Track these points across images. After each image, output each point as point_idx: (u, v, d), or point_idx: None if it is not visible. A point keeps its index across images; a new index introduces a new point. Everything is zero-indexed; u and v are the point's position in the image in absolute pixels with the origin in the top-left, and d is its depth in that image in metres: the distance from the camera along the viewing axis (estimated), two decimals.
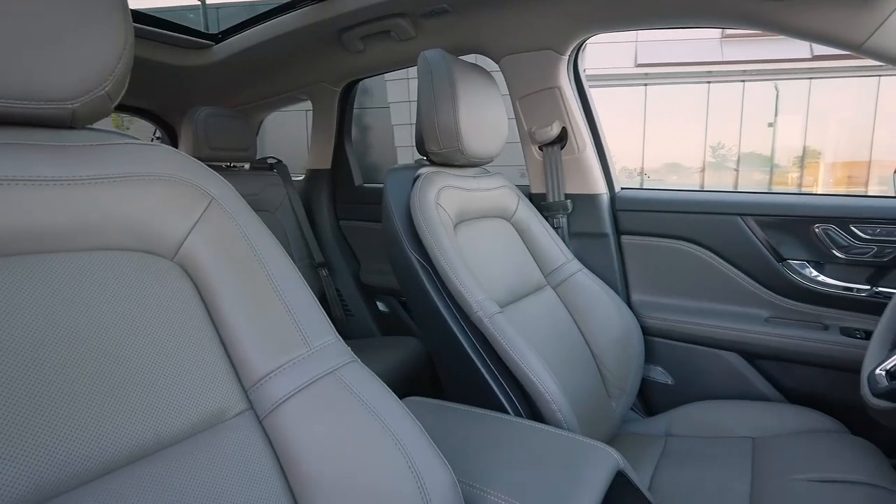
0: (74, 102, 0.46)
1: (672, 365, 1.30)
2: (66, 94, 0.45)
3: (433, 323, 0.93)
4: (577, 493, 0.58)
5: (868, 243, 1.08)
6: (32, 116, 0.45)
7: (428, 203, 0.95)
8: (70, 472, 0.39)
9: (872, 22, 0.85)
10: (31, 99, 0.43)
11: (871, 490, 0.80)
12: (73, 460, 0.40)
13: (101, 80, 0.47)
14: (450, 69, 1.00)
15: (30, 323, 0.42)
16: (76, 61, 0.45)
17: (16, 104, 0.43)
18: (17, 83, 0.42)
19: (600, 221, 1.34)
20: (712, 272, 1.25)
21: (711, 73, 8.91)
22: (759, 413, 1.10)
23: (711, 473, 0.92)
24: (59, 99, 0.45)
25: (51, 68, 0.43)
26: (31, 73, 0.42)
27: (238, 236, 0.55)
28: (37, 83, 0.43)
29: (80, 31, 0.45)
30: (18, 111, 0.43)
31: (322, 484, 0.49)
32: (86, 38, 0.45)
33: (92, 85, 0.46)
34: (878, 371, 0.79)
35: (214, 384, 0.50)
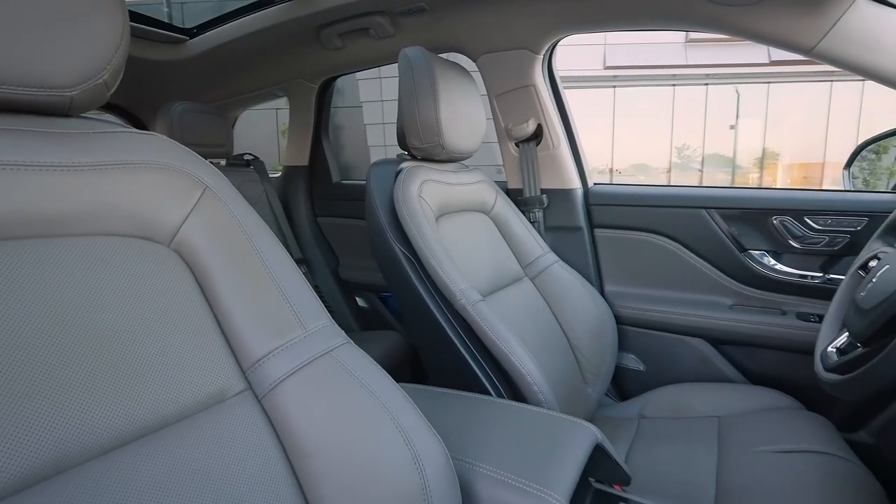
0: (73, 90, 0.47)
1: (643, 352, 1.36)
2: (66, 82, 0.46)
3: (418, 312, 0.95)
4: (560, 465, 0.62)
5: (820, 233, 1.16)
6: (31, 103, 0.45)
7: (411, 196, 0.97)
8: (79, 448, 0.40)
9: (821, 28, 0.92)
10: (31, 86, 0.44)
11: (823, 458, 0.86)
12: (82, 436, 0.41)
13: (100, 69, 0.48)
14: (430, 66, 1.03)
15: (31, 305, 0.42)
16: (76, 50, 0.46)
17: (15, 90, 0.43)
18: (18, 70, 0.43)
19: (574, 215, 1.39)
20: (680, 263, 1.31)
21: (676, 76, 9.19)
22: (724, 394, 1.16)
23: (681, 449, 0.98)
24: (59, 86, 0.46)
25: (51, 56, 0.44)
26: (31, 61, 0.43)
27: (232, 224, 0.57)
28: (37, 70, 0.44)
29: (80, 20, 0.46)
30: (17, 97, 0.44)
31: (320, 457, 0.51)
32: (85, 27, 0.46)
33: (90, 73, 0.47)
34: (830, 349, 0.85)
35: (214, 365, 0.51)
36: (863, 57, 0.92)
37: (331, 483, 0.50)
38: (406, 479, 0.52)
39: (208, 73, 1.72)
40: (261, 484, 0.48)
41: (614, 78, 9.23)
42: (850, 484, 0.81)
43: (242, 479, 0.47)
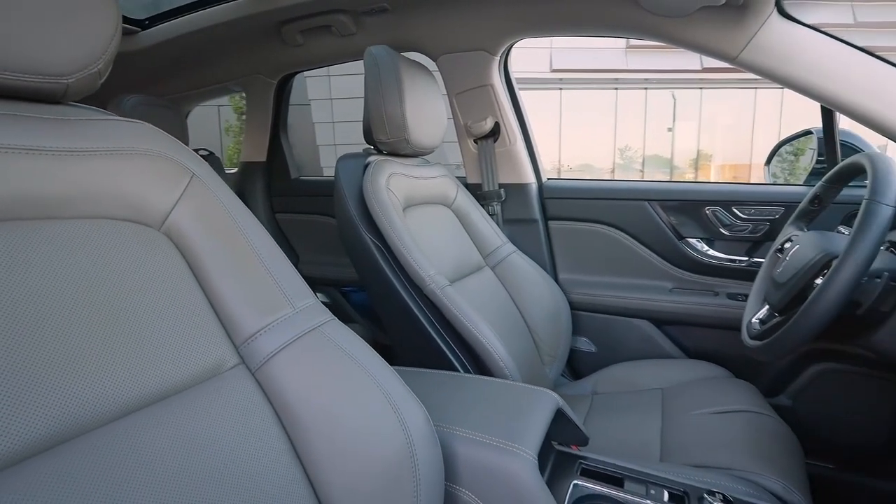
0: (69, 78, 0.49)
1: (594, 334, 1.47)
2: (63, 70, 0.48)
3: (389, 299, 1.00)
4: (528, 425, 0.69)
5: (745, 222, 1.30)
6: (27, 89, 0.47)
7: (380, 187, 1.02)
8: (81, 419, 0.42)
9: (742, 39, 1.05)
10: (29, 72, 0.46)
11: (750, 415, 0.99)
12: (83, 407, 0.43)
13: (95, 58, 0.50)
14: (396, 64, 1.08)
15: (32, 282, 0.44)
16: (73, 39, 0.48)
17: (14, 76, 0.45)
18: (17, 57, 0.45)
19: (530, 208, 1.48)
20: (626, 251, 1.43)
21: (618, 80, 9.63)
22: (667, 369, 1.28)
23: (630, 418, 1.08)
24: (56, 74, 0.48)
25: (50, 44, 0.46)
26: (30, 48, 0.45)
27: (219, 209, 0.60)
28: (35, 58, 0.46)
29: (78, 11, 0.48)
30: (14, 83, 0.46)
31: (314, 424, 0.55)
32: (83, 18, 0.48)
33: (87, 62, 0.49)
34: (753, 320, 0.98)
35: (207, 341, 0.54)
36: (778, 67, 1.05)
37: (324, 447, 0.55)
38: (393, 440, 0.57)
39: (161, 66, 1.68)
40: (258, 450, 0.52)
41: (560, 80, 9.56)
42: (771, 436, 0.94)
43: (240, 446, 0.51)
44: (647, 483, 0.72)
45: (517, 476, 0.62)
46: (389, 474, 0.56)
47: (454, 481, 0.65)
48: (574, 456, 0.78)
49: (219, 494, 0.46)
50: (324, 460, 0.54)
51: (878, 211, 0.71)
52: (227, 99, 5.44)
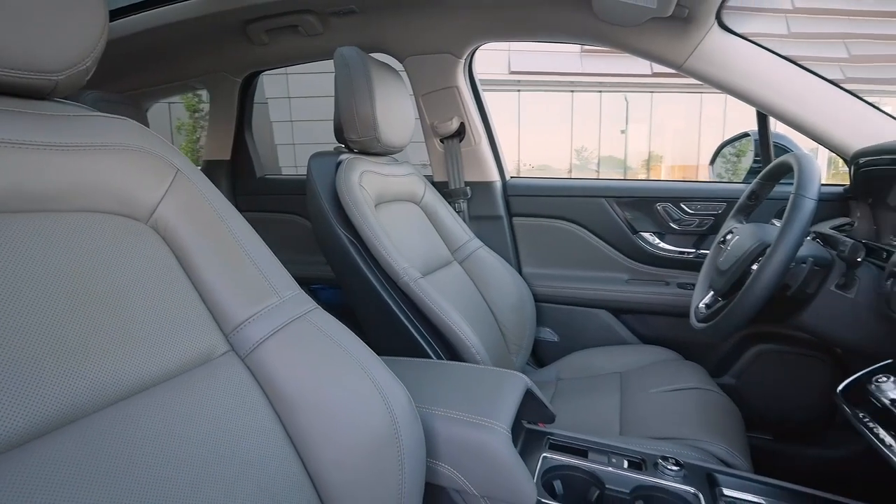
0: (59, 75, 0.50)
1: (557, 325, 1.54)
2: (53, 67, 0.49)
3: (363, 291, 1.03)
4: (501, 403, 0.74)
5: (693, 216, 1.41)
6: (18, 85, 0.48)
7: (353, 184, 1.05)
8: (77, 404, 0.44)
9: (686, 49, 1.14)
10: (20, 69, 0.47)
11: (699, 392, 1.08)
12: (79, 393, 0.44)
13: (84, 56, 0.52)
14: (366, 65, 1.11)
15: (28, 272, 0.46)
16: (64, 37, 0.49)
17: (5, 72, 0.47)
18: (8, 53, 0.46)
19: (495, 205, 1.54)
20: (585, 245, 1.51)
21: (574, 83, 9.91)
22: (624, 354, 1.37)
23: (592, 399, 1.15)
24: (48, 71, 0.49)
25: (42, 42, 0.48)
26: (22, 45, 0.47)
27: (203, 203, 0.62)
28: (27, 54, 0.47)
29: (68, 9, 0.50)
30: (5, 79, 0.47)
31: (303, 405, 0.58)
32: (73, 16, 0.50)
33: (76, 59, 0.51)
34: (700, 305, 1.07)
35: (197, 329, 0.57)
36: (719, 75, 1.16)
37: (314, 427, 0.58)
38: (379, 419, 0.61)
39: (121, 62, 1.64)
40: (250, 430, 0.55)
41: (518, 82, 9.75)
42: (717, 409, 1.03)
43: (233, 426, 0.54)
44: (608, 453, 0.79)
45: (493, 449, 0.67)
46: (375, 450, 0.59)
47: (434, 457, 0.70)
48: (542, 432, 0.84)
49: (215, 471, 0.49)
50: (313, 438, 0.58)
51: (803, 204, 0.81)
52: (178, 96, 5.27)
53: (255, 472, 0.52)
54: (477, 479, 0.68)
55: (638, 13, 1.10)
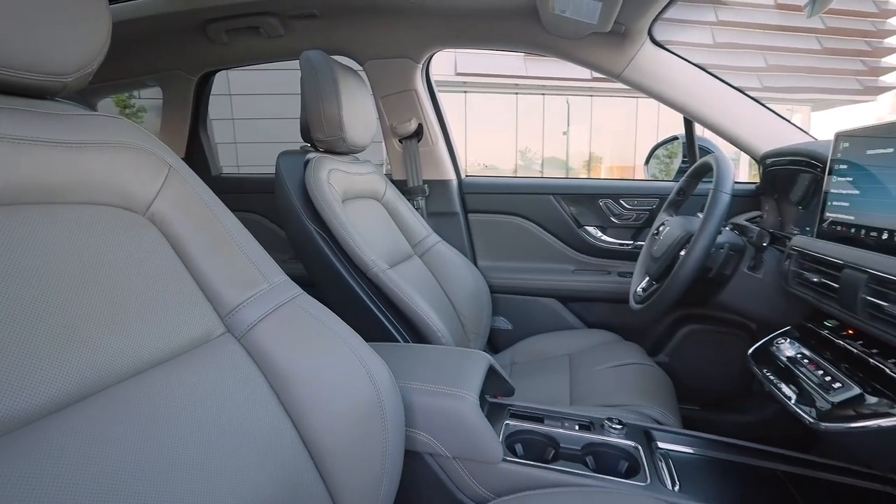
0: (68, 77, 0.54)
1: (510, 314, 1.65)
2: (64, 70, 0.53)
3: (334, 283, 1.09)
4: (468, 376, 0.83)
5: (630, 211, 1.56)
6: (29, 86, 0.52)
7: (321, 181, 1.11)
8: (99, 376, 0.48)
9: (623, 60, 1.28)
10: (34, 71, 0.51)
11: (638, 367, 1.22)
12: (99, 366, 0.49)
13: (91, 59, 0.56)
14: (332, 69, 1.17)
15: (37, 259, 0.49)
16: (75, 41, 0.53)
17: (20, 74, 0.50)
18: (24, 56, 0.50)
19: (451, 202, 1.63)
20: (535, 239, 1.63)
21: (518, 85, 10.21)
22: (572, 338, 1.50)
23: (545, 378, 1.27)
24: (59, 73, 0.53)
25: (54, 46, 0.52)
26: (37, 49, 0.50)
27: (195, 198, 0.67)
28: (41, 58, 0.51)
29: (79, 16, 0.53)
30: (19, 80, 0.51)
31: (295, 378, 0.64)
32: (82, 22, 0.54)
33: (85, 62, 0.55)
34: (637, 289, 1.20)
35: (195, 313, 0.61)
36: (651, 85, 1.30)
37: (307, 400, 0.64)
38: (364, 391, 0.68)
39: None
40: (250, 402, 0.60)
41: (464, 84, 9.93)
42: (653, 381, 1.17)
43: (234, 398, 0.59)
44: (562, 419, 0.90)
45: (463, 414, 0.76)
46: (362, 419, 0.67)
47: (412, 426, 0.77)
48: (504, 404, 0.94)
49: (221, 440, 0.54)
50: (306, 409, 0.64)
51: (720, 198, 0.95)
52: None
53: (256, 441, 0.58)
54: (450, 443, 0.77)
55: (581, 28, 1.22)
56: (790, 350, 0.83)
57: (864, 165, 0.75)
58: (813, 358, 0.78)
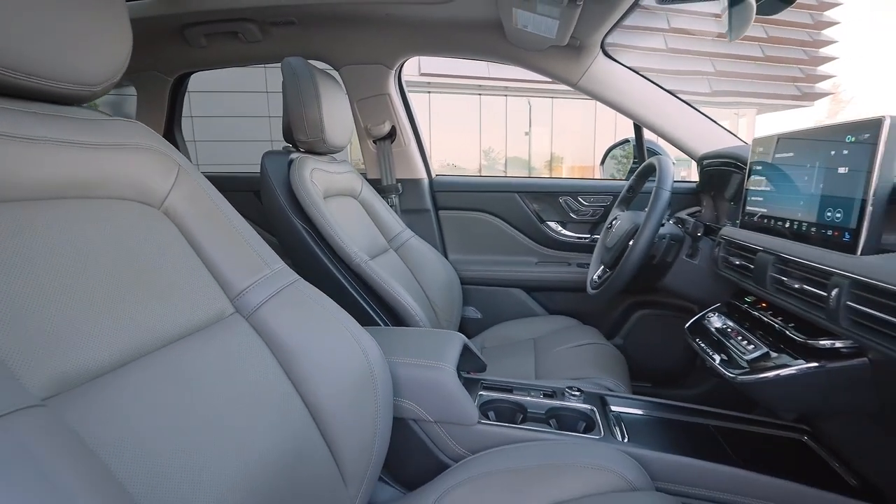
0: (97, 87, 0.61)
1: (479, 304, 1.77)
2: (94, 80, 0.61)
3: (320, 274, 1.18)
4: (446, 351, 0.94)
5: (588, 207, 1.70)
6: (65, 95, 0.59)
7: (305, 180, 1.19)
8: (136, 345, 0.56)
9: (579, 71, 1.42)
10: (70, 82, 0.58)
11: (596, 346, 1.36)
12: (135, 337, 0.56)
13: (116, 72, 0.63)
14: (312, 74, 1.25)
15: (72, 245, 0.57)
16: (103, 56, 0.61)
17: (58, 85, 0.57)
18: (64, 70, 0.57)
19: (423, 200, 1.74)
20: (501, 233, 1.76)
21: (482, 86, 10.39)
22: (536, 324, 1.63)
23: (512, 360, 1.39)
24: (90, 83, 0.60)
25: (87, 60, 0.59)
26: (74, 64, 0.58)
27: (203, 194, 0.75)
28: (76, 70, 0.58)
29: (107, 34, 0.61)
30: (57, 90, 0.58)
31: (298, 353, 0.73)
32: (109, 39, 0.61)
33: (110, 75, 0.62)
34: (594, 276, 1.34)
35: (208, 295, 0.70)
36: (604, 93, 1.44)
37: (309, 371, 0.73)
38: (358, 363, 0.77)
39: None
40: (261, 375, 0.69)
41: (428, 84, 10.04)
42: (609, 358, 1.31)
43: (248, 373, 0.67)
44: (528, 389, 1.02)
45: (443, 383, 0.87)
46: (357, 387, 0.76)
47: (398, 395, 0.88)
48: (477, 379, 1.05)
49: (238, 408, 0.63)
50: (308, 377, 0.73)
51: (661, 195, 1.09)
52: None
53: (268, 406, 0.67)
54: (431, 408, 0.88)
55: (541, 41, 1.35)
56: (718, 322, 0.97)
57: (774, 166, 0.90)
58: (735, 328, 0.93)
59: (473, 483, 0.80)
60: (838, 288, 0.64)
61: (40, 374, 0.44)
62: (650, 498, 0.73)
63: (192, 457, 0.53)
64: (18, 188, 0.52)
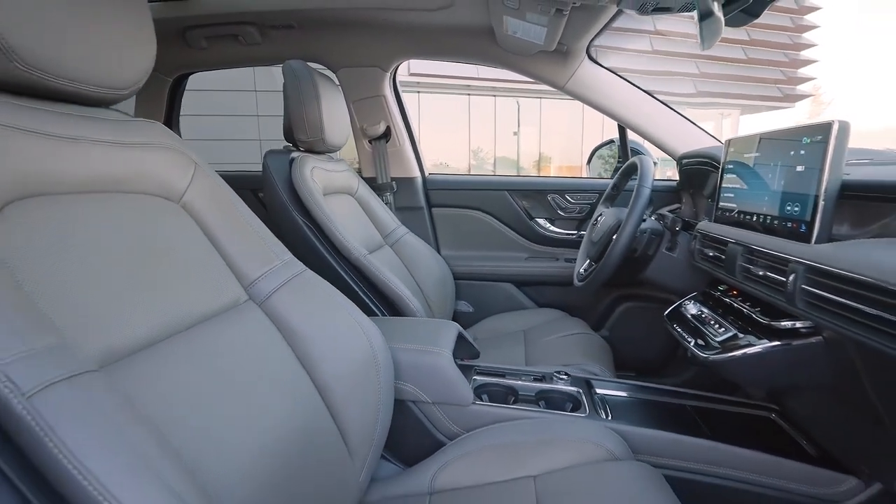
0: (125, 91, 0.67)
1: (471, 298, 1.84)
2: (123, 85, 0.66)
3: (321, 267, 1.23)
4: (442, 338, 1.00)
5: (575, 205, 1.78)
6: (97, 98, 0.65)
7: (306, 177, 1.25)
8: (167, 324, 0.61)
9: (567, 74, 1.49)
10: (103, 86, 0.64)
11: (583, 336, 1.43)
12: (163, 320, 0.61)
13: (141, 77, 0.69)
14: (312, 77, 1.31)
15: (109, 233, 0.62)
16: (131, 63, 0.67)
17: (91, 88, 0.63)
18: (98, 75, 0.63)
19: (417, 198, 1.80)
20: (493, 230, 1.83)
21: (470, 86, 10.46)
22: (525, 317, 1.70)
23: (504, 350, 1.46)
24: (119, 88, 0.66)
25: (117, 67, 0.65)
26: (107, 70, 0.64)
27: (216, 189, 0.80)
28: (110, 76, 0.64)
29: (134, 43, 0.67)
30: (91, 93, 0.63)
31: (308, 337, 0.79)
32: (136, 47, 0.67)
33: (137, 80, 0.68)
34: (580, 270, 1.42)
35: (225, 283, 0.75)
36: (590, 96, 1.52)
37: (317, 354, 0.79)
38: (362, 347, 0.84)
39: None
40: (275, 357, 0.75)
41: (418, 84, 10.09)
42: (595, 346, 1.39)
43: (263, 354, 0.73)
44: (519, 374, 1.09)
45: (441, 366, 0.94)
46: (362, 369, 0.83)
47: (398, 378, 0.94)
48: (471, 365, 1.12)
49: (258, 381, 0.68)
50: (317, 361, 0.79)
51: (642, 192, 1.17)
52: None
53: (282, 384, 0.73)
54: (430, 390, 0.94)
55: (530, 46, 1.42)
56: (694, 309, 1.05)
57: (744, 165, 0.98)
58: (710, 314, 1.01)
59: (469, 457, 0.86)
60: (795, 273, 0.72)
61: (92, 346, 0.50)
62: (631, 467, 0.81)
63: (216, 426, 0.58)
64: (63, 183, 0.58)
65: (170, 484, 0.41)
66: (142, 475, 0.40)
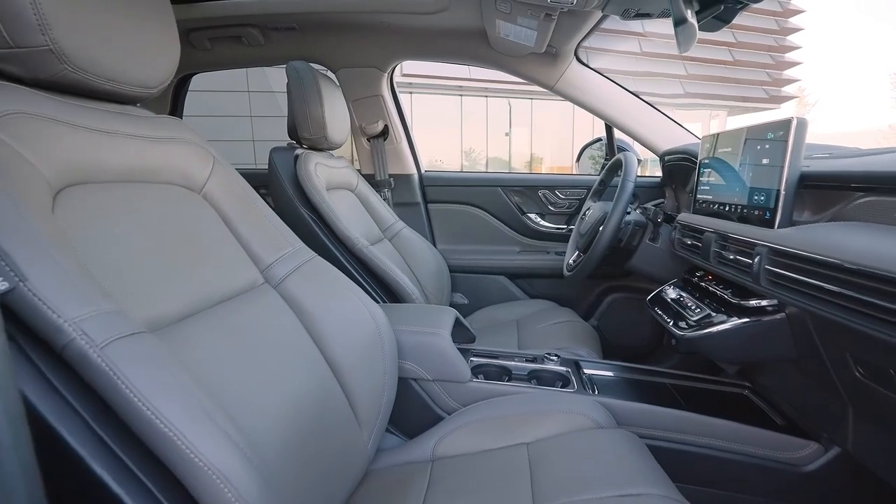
0: (154, 90, 0.74)
1: (466, 290, 1.92)
2: (153, 84, 0.73)
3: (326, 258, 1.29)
4: (442, 321, 1.08)
5: (564, 200, 1.86)
6: (130, 96, 0.71)
7: (311, 173, 1.31)
8: (193, 303, 0.68)
9: (556, 75, 1.57)
10: (136, 85, 0.70)
11: (572, 323, 1.51)
12: (194, 296, 0.68)
13: (168, 77, 0.76)
14: (315, 77, 1.37)
15: (146, 218, 0.69)
16: (160, 63, 0.73)
17: (125, 87, 0.69)
18: (132, 74, 0.69)
19: (414, 194, 1.87)
20: (486, 225, 1.91)
21: (462, 87, 10.55)
22: (518, 308, 1.78)
23: (498, 336, 1.53)
24: (150, 87, 0.73)
25: (148, 67, 0.71)
26: (141, 70, 0.70)
27: (233, 181, 0.87)
28: (142, 75, 0.71)
29: (163, 45, 0.73)
30: (126, 92, 0.70)
31: (319, 317, 0.86)
32: (164, 49, 0.74)
33: (164, 79, 0.75)
34: (570, 261, 1.50)
35: (244, 266, 0.82)
36: (578, 96, 1.60)
37: (327, 329, 0.86)
38: (368, 326, 0.91)
39: None
40: (291, 335, 0.82)
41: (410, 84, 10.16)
42: (584, 332, 1.46)
43: (279, 332, 0.80)
44: (512, 356, 1.17)
45: (441, 346, 1.01)
46: (368, 346, 0.90)
47: (401, 357, 1.01)
48: (467, 349, 1.19)
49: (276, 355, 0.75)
50: (328, 338, 0.86)
51: (625, 186, 1.25)
52: None
53: (297, 359, 0.79)
54: (430, 368, 1.01)
55: (521, 48, 1.50)
56: (674, 294, 1.14)
57: (718, 160, 1.06)
58: (687, 297, 1.09)
59: (467, 428, 0.94)
60: (759, 255, 0.80)
61: (139, 315, 0.57)
62: (615, 434, 0.88)
63: (243, 390, 0.65)
64: (102, 173, 0.64)
65: (220, 425, 0.48)
66: (200, 416, 0.47)
